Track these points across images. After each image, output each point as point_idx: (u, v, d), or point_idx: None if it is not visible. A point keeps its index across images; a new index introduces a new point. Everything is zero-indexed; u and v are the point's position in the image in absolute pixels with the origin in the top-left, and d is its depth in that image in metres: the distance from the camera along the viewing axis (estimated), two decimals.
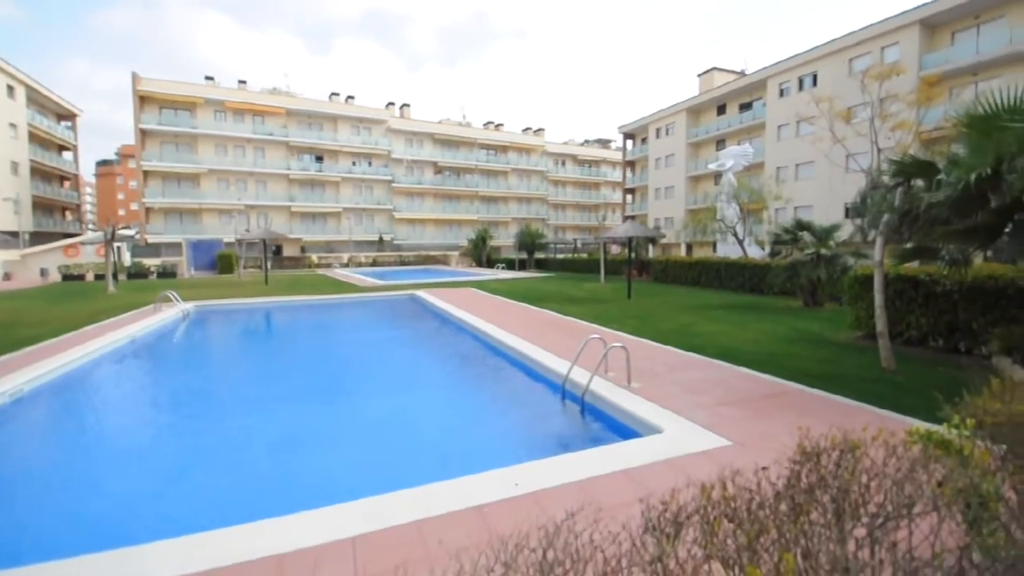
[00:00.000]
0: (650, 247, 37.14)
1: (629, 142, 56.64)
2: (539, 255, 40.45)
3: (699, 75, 47.00)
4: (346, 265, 43.95)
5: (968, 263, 7.30)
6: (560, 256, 40.71)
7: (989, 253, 7.60)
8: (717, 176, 32.18)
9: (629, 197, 57.71)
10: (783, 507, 1.39)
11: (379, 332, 13.22)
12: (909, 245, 7.62)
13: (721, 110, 44.06)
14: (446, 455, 5.22)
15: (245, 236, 30.60)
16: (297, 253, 46.91)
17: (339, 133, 51.08)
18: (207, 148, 45.52)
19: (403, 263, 46.08)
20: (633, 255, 22.17)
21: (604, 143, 73.90)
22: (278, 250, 46.16)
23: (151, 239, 41.83)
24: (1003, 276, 7.38)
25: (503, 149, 61.63)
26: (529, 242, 39.31)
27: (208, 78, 47.57)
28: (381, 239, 51.33)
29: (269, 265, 35.62)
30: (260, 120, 47.82)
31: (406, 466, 4.90)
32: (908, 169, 7.00)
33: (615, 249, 37.49)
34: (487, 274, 31.07)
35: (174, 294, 14.79)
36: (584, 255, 39.22)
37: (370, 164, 52.95)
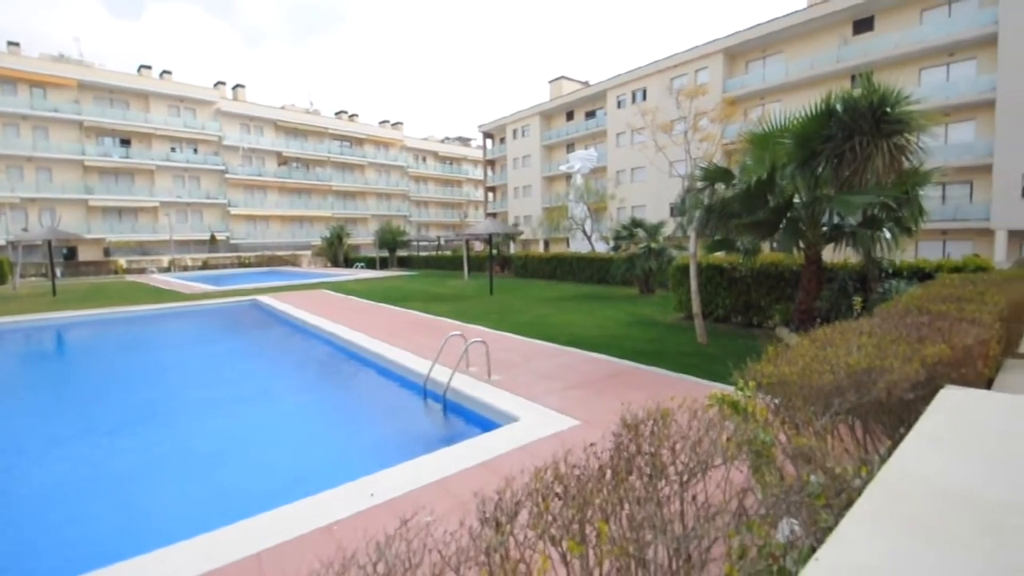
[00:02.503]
0: (511, 243, 38.65)
1: (489, 141, 57.98)
2: (401, 253, 39.33)
3: (550, 82, 49.98)
4: (167, 269, 37.68)
5: (757, 252, 8.96)
6: (424, 254, 40.07)
7: (775, 244, 9.42)
8: (568, 177, 34.70)
9: (490, 195, 59.12)
10: (608, 477, 1.51)
11: (212, 346, 11.58)
12: (717, 238, 9.08)
13: (570, 116, 47.44)
14: (299, 475, 4.75)
15: (22, 237, 24.26)
16: (99, 257, 38.79)
17: (152, 113, 43.01)
18: None
19: (243, 265, 41.05)
20: (495, 251, 22.78)
21: (464, 141, 74.54)
22: (71, 253, 37.73)
23: None
24: (781, 263, 9.19)
25: (359, 141, 58.35)
26: (390, 240, 37.97)
27: None
28: (213, 238, 44.75)
29: (58, 272, 28.97)
30: (41, 93, 38.32)
31: (251, 493, 4.35)
32: (712, 175, 8.35)
33: (478, 246, 38.19)
34: (345, 274, 29.27)
35: None
36: (448, 252, 39.19)
37: (195, 151, 45.68)
